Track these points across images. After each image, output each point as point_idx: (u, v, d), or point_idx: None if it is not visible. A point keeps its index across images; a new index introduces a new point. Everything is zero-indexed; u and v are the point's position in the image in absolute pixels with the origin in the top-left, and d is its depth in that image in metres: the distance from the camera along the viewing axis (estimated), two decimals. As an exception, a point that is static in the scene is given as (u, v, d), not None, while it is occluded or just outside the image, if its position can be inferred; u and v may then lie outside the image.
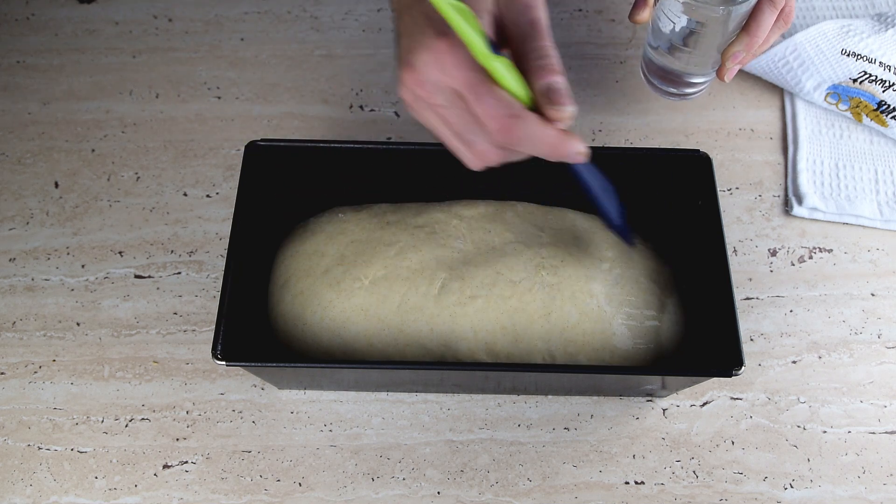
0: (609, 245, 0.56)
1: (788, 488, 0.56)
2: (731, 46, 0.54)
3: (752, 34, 0.53)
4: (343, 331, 0.53)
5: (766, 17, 0.52)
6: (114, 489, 0.55)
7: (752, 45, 0.53)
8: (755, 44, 0.53)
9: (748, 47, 0.53)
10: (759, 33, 0.53)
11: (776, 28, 0.54)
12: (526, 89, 0.40)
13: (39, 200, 0.67)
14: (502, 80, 0.39)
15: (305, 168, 0.58)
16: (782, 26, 0.54)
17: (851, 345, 0.61)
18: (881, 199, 0.67)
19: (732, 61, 0.54)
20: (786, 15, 0.53)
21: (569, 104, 0.40)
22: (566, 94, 0.40)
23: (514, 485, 0.56)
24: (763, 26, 0.52)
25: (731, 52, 0.54)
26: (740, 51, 0.54)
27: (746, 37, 0.53)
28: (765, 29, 0.53)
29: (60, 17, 0.77)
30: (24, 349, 0.61)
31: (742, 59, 0.55)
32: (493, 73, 0.39)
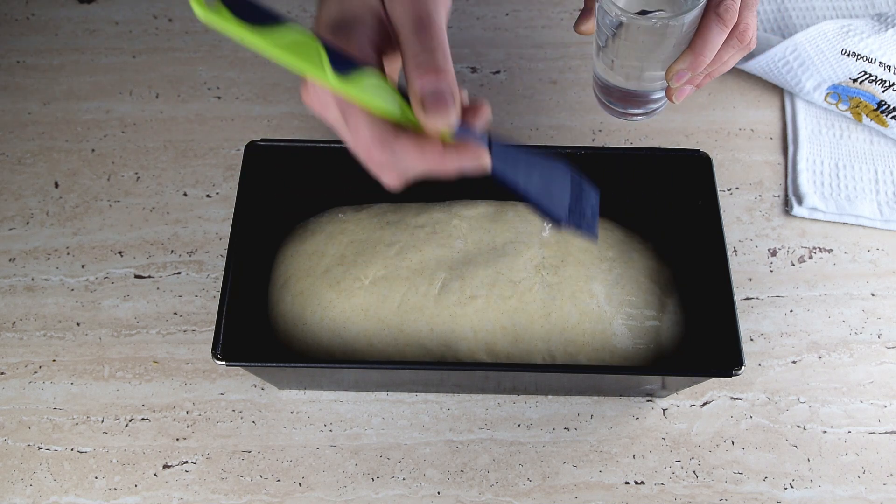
0: (609, 245, 0.56)
1: (788, 488, 0.56)
2: (674, 64, 0.47)
3: (697, 52, 0.46)
4: (343, 331, 0.53)
5: (713, 35, 0.46)
6: (114, 489, 0.55)
7: (696, 63, 0.46)
8: (700, 63, 0.46)
9: (693, 66, 0.46)
10: (705, 52, 0.46)
11: (729, 48, 0.47)
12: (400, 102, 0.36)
13: (39, 200, 0.67)
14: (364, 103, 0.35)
15: (305, 168, 0.58)
16: (737, 46, 0.47)
17: (851, 345, 0.61)
18: (881, 199, 0.67)
19: (676, 80, 0.47)
20: (740, 34, 0.47)
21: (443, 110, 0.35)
22: (443, 99, 0.35)
23: (514, 485, 0.56)
24: (710, 44, 0.46)
25: (674, 69, 0.47)
26: (684, 70, 0.47)
27: (691, 55, 0.46)
28: (711, 47, 0.46)
29: (60, 17, 0.77)
30: (24, 349, 0.61)
31: (692, 80, 0.48)
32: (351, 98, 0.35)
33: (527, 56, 0.75)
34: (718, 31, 0.46)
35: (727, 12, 0.45)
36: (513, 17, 0.78)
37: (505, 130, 0.71)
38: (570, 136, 0.71)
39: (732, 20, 0.46)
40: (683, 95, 0.50)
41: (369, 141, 0.37)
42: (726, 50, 0.47)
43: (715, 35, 0.46)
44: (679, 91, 0.49)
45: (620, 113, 0.56)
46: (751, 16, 0.46)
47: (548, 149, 0.58)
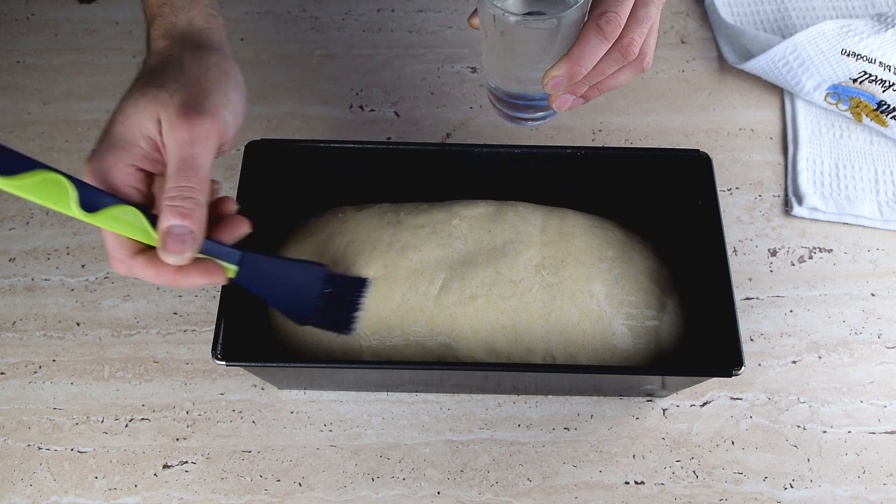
0: (609, 245, 0.56)
1: (788, 488, 0.56)
2: (550, 69, 0.45)
3: (572, 60, 0.44)
4: (343, 331, 0.53)
5: (591, 46, 0.44)
6: (114, 489, 0.55)
7: (572, 73, 0.44)
8: (577, 72, 0.44)
9: (569, 75, 0.45)
10: (580, 62, 0.44)
11: (612, 61, 0.45)
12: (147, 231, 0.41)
13: (39, 200, 0.67)
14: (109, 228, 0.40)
15: (305, 168, 0.58)
16: (621, 60, 0.45)
17: (851, 345, 0.61)
18: (881, 199, 0.67)
19: (552, 87, 0.46)
20: (623, 48, 0.44)
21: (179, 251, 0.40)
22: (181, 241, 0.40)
23: (514, 485, 0.56)
24: (586, 55, 0.44)
25: (550, 76, 0.45)
26: (559, 77, 0.45)
27: (567, 63, 0.44)
28: (588, 58, 0.44)
29: (60, 17, 0.77)
30: (24, 349, 0.61)
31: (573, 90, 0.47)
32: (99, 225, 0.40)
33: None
34: (597, 41, 0.44)
35: (608, 24, 0.43)
36: (513, 17, 0.78)
37: (505, 130, 0.71)
38: (570, 136, 0.71)
39: (613, 32, 0.44)
40: (566, 105, 0.48)
41: (111, 251, 0.42)
42: (608, 63, 0.45)
43: (593, 45, 0.44)
44: (560, 99, 0.47)
45: (509, 116, 0.54)
46: (638, 31, 0.44)
47: (548, 149, 0.58)
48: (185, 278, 0.41)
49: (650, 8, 0.45)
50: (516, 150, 0.57)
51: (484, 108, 0.72)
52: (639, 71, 0.48)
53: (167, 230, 0.40)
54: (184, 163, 0.41)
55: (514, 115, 0.53)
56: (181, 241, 0.40)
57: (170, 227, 0.40)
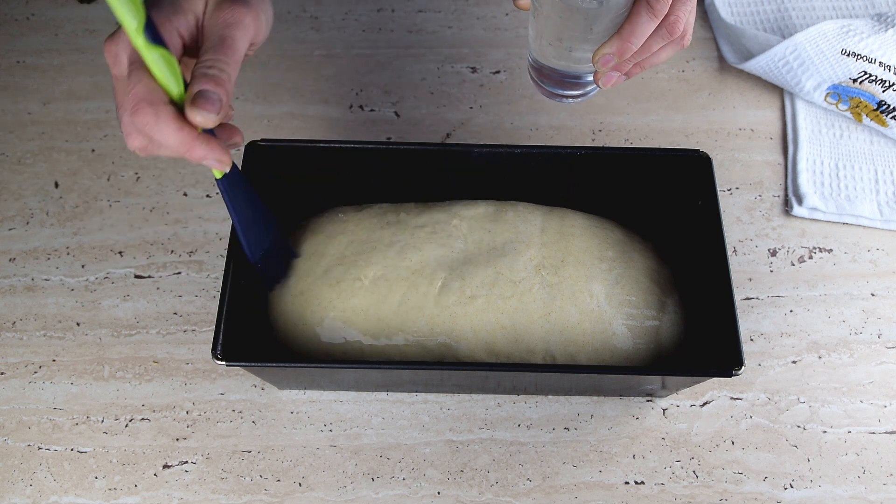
0: (609, 245, 0.56)
1: (788, 488, 0.56)
2: (601, 48, 0.47)
3: (623, 38, 0.46)
4: (343, 331, 0.53)
5: (642, 22, 0.46)
6: (114, 489, 0.55)
7: (623, 49, 0.47)
8: (627, 49, 0.47)
9: (620, 52, 0.47)
10: (631, 39, 0.46)
11: (658, 38, 0.47)
12: (180, 88, 0.41)
13: (39, 200, 0.67)
14: (153, 70, 0.40)
15: (305, 168, 0.58)
16: (667, 37, 0.47)
17: (851, 345, 0.61)
18: (881, 199, 0.67)
19: (602, 64, 0.48)
20: (670, 25, 0.47)
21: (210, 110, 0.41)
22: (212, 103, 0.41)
23: (514, 485, 0.56)
24: (637, 32, 0.46)
25: (601, 53, 0.47)
26: (610, 54, 0.47)
27: (618, 40, 0.47)
28: (639, 35, 0.46)
29: (60, 17, 0.77)
30: (24, 349, 0.61)
31: (619, 67, 0.49)
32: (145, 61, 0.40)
33: (527, 56, 0.75)
34: (647, 18, 0.46)
35: (658, 2, 0.45)
36: (513, 17, 0.78)
37: (504, 130, 0.71)
38: (570, 136, 0.71)
39: (663, 10, 0.46)
40: (611, 82, 0.50)
41: (142, 96, 0.40)
42: (655, 40, 0.47)
43: (643, 22, 0.46)
44: (606, 76, 0.49)
45: (550, 93, 0.55)
46: (684, 9, 0.46)
47: (548, 149, 0.58)
48: (200, 145, 0.42)
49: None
50: (516, 150, 0.57)
51: (484, 108, 0.72)
52: (679, 48, 0.49)
53: (200, 92, 0.41)
54: (222, 41, 0.43)
55: (557, 92, 0.55)
56: (210, 102, 0.41)
57: (203, 90, 0.41)
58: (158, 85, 0.41)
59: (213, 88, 0.41)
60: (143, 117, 0.41)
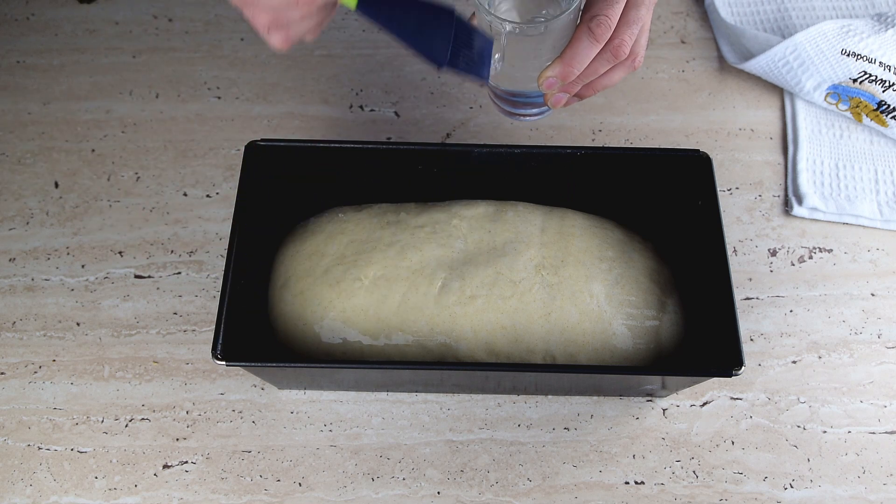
0: (609, 245, 0.56)
1: (788, 488, 0.56)
2: (544, 70, 0.47)
3: (565, 62, 0.46)
4: (343, 331, 0.53)
5: (583, 47, 0.46)
6: (114, 489, 0.55)
7: (565, 73, 0.46)
8: (569, 73, 0.46)
9: (562, 75, 0.47)
10: (573, 63, 0.46)
11: (604, 61, 0.47)
12: None
13: (39, 200, 0.67)
14: None
15: (305, 168, 0.58)
16: (612, 60, 0.47)
17: (851, 345, 0.61)
18: (881, 199, 0.67)
19: (546, 87, 0.48)
20: (614, 48, 0.46)
21: None
22: None
23: (514, 485, 0.56)
24: (578, 56, 0.46)
25: (544, 77, 0.47)
26: (553, 77, 0.47)
27: (560, 64, 0.46)
28: (580, 59, 0.46)
29: (60, 17, 0.77)
30: (24, 349, 0.61)
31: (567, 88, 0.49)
32: None
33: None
34: (588, 43, 0.46)
35: (598, 26, 0.45)
36: (513, 17, 0.78)
37: (504, 130, 0.71)
38: (570, 136, 0.71)
39: (604, 35, 0.45)
40: (560, 102, 0.50)
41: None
42: (600, 63, 0.47)
43: (584, 47, 0.46)
44: (555, 97, 0.50)
45: (508, 112, 0.55)
46: (629, 32, 0.46)
47: (548, 149, 0.58)
48: None
49: (640, 10, 0.46)
50: (516, 150, 0.57)
51: (484, 108, 0.72)
52: (630, 69, 0.49)
53: None
54: None
55: (512, 112, 0.55)
56: None
57: None
58: None
59: None
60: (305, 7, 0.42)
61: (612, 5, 0.45)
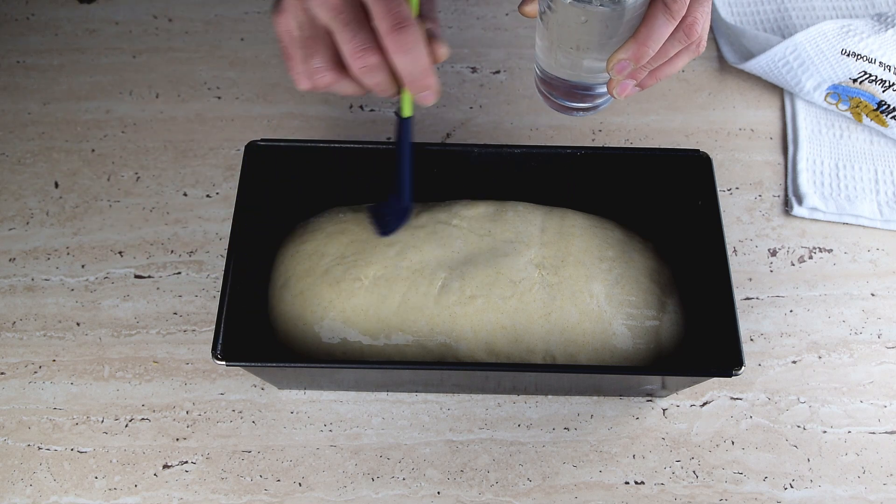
0: (609, 245, 0.56)
1: (788, 488, 0.56)
2: (615, 53, 0.44)
3: (640, 42, 0.43)
4: (343, 331, 0.53)
5: (659, 25, 0.43)
6: (114, 489, 0.55)
7: (640, 54, 0.44)
8: (644, 54, 0.44)
9: (636, 56, 0.44)
10: (649, 42, 0.43)
11: (676, 41, 0.44)
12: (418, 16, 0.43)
13: (39, 200, 0.67)
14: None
15: (305, 168, 0.58)
16: (684, 41, 0.44)
17: (851, 345, 0.61)
18: (881, 199, 0.67)
19: (617, 71, 0.45)
20: (687, 27, 0.44)
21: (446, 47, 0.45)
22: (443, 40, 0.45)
23: (514, 485, 0.56)
24: (654, 35, 0.43)
25: (616, 59, 0.44)
26: (626, 60, 0.44)
27: (634, 44, 0.43)
28: (656, 38, 0.43)
29: (60, 17, 0.77)
30: (24, 349, 0.61)
31: (634, 74, 0.46)
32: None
33: (527, 56, 0.75)
34: (665, 20, 0.43)
35: (675, 2, 0.42)
36: (513, 17, 0.78)
37: (504, 130, 0.71)
38: (570, 136, 0.71)
39: (681, 11, 0.43)
40: (625, 91, 0.47)
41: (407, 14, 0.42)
42: (672, 44, 0.45)
43: (661, 25, 0.43)
44: (621, 85, 0.46)
45: (560, 106, 0.52)
46: (701, 10, 0.44)
47: (548, 149, 0.58)
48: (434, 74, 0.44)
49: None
50: (516, 150, 0.57)
51: (484, 108, 0.72)
52: (695, 54, 0.47)
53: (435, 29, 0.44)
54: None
55: (567, 105, 0.52)
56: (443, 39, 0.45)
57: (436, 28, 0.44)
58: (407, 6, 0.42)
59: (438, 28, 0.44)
60: (408, 35, 0.42)
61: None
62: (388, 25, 0.41)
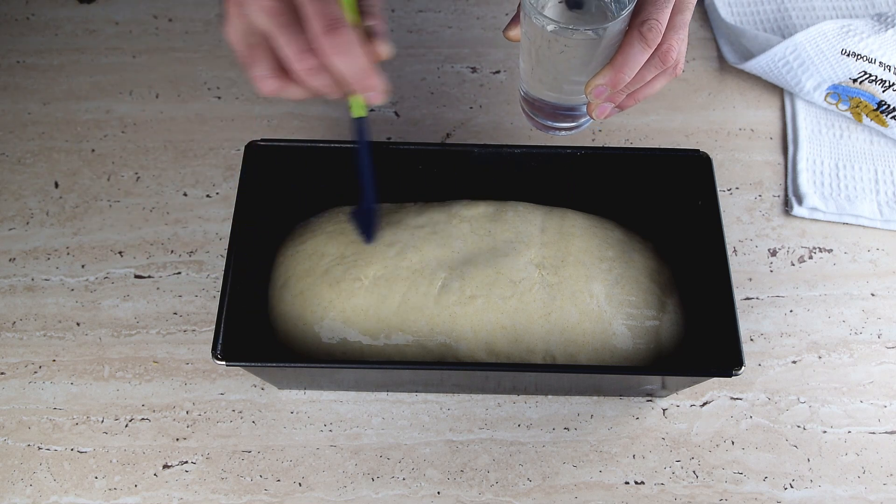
0: (609, 245, 0.56)
1: (788, 488, 0.56)
2: (593, 79, 0.46)
3: (616, 68, 0.45)
4: (343, 331, 0.53)
5: (635, 52, 0.45)
6: (114, 489, 0.55)
7: (616, 80, 0.45)
8: (620, 80, 0.45)
9: (612, 82, 0.45)
10: (624, 69, 0.45)
11: (652, 67, 0.46)
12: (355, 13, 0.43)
13: (39, 200, 0.67)
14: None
15: (305, 168, 0.58)
16: (660, 66, 0.46)
17: (851, 345, 0.61)
18: (881, 199, 0.67)
19: (595, 95, 0.46)
20: (662, 54, 0.45)
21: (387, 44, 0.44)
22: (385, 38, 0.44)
23: (514, 485, 0.56)
24: (630, 62, 0.45)
25: (593, 84, 0.46)
26: (603, 85, 0.46)
27: (610, 70, 0.45)
28: (631, 65, 0.45)
29: (60, 17, 0.77)
30: (24, 349, 0.61)
31: (612, 97, 0.48)
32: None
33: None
34: (640, 48, 0.45)
35: (650, 31, 0.44)
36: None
37: (505, 130, 0.71)
38: (570, 136, 0.71)
39: (655, 40, 0.45)
40: (605, 113, 0.49)
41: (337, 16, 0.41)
42: (648, 70, 0.46)
43: (636, 52, 0.45)
44: (600, 108, 0.48)
45: (543, 126, 0.54)
46: (676, 38, 0.46)
47: (548, 149, 0.58)
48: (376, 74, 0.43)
49: (685, 14, 0.46)
50: (516, 150, 0.57)
51: (484, 108, 0.72)
52: (672, 76, 0.48)
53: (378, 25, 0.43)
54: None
55: (549, 125, 0.54)
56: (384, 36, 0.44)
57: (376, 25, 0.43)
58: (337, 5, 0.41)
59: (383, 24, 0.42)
60: (340, 36, 0.41)
61: (661, 10, 0.44)
62: (318, 27, 0.41)
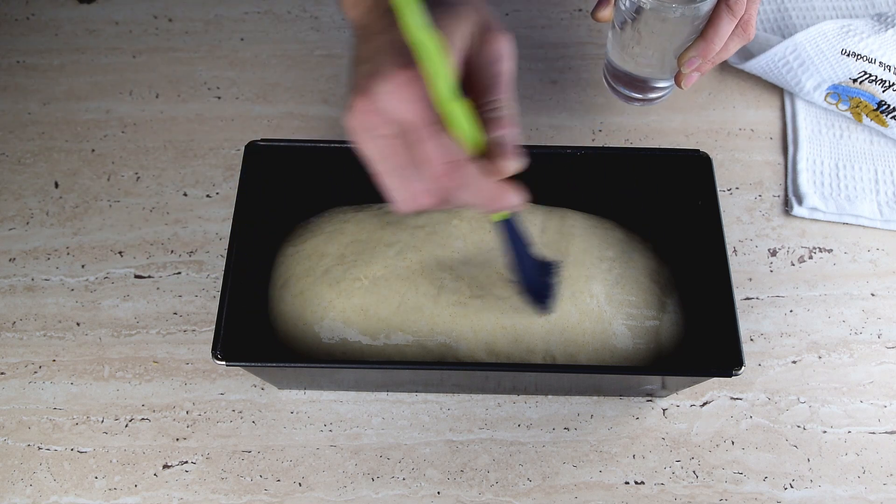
0: (609, 245, 0.56)
1: (788, 488, 0.56)
2: (686, 52, 0.52)
3: (708, 40, 0.51)
4: (343, 331, 0.53)
5: (724, 25, 0.50)
6: (114, 489, 0.55)
7: (707, 51, 0.51)
8: (711, 50, 0.51)
9: (704, 53, 0.51)
10: (715, 40, 0.51)
11: (735, 37, 0.52)
12: (477, 135, 0.39)
13: (39, 200, 0.67)
14: (457, 124, 0.38)
15: (305, 168, 0.58)
16: (741, 35, 0.52)
17: (851, 345, 0.61)
18: (881, 199, 0.67)
19: (688, 67, 0.52)
20: (744, 23, 0.51)
21: (514, 159, 0.39)
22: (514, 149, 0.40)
23: (514, 485, 0.56)
24: (720, 33, 0.51)
25: (687, 57, 0.52)
26: (695, 57, 0.51)
27: (703, 43, 0.51)
28: (722, 36, 0.51)
29: (60, 17, 0.77)
30: (24, 349, 0.61)
31: (699, 67, 0.53)
32: (449, 116, 0.38)
33: (527, 56, 0.75)
34: (728, 20, 0.50)
35: (737, 4, 0.49)
36: (513, 17, 0.78)
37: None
38: (570, 136, 0.71)
39: (741, 11, 0.49)
40: (691, 81, 0.54)
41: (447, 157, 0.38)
42: (731, 39, 0.51)
43: (725, 24, 0.50)
44: (688, 77, 0.54)
45: (627, 97, 0.61)
46: (754, 7, 0.51)
47: (548, 149, 0.58)
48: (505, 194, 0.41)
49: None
50: (516, 150, 0.57)
51: (484, 108, 0.72)
52: (746, 41, 0.53)
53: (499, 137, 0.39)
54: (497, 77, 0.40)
55: (633, 96, 0.62)
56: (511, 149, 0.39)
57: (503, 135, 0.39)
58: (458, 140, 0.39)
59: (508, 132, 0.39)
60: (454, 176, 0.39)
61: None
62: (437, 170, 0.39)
